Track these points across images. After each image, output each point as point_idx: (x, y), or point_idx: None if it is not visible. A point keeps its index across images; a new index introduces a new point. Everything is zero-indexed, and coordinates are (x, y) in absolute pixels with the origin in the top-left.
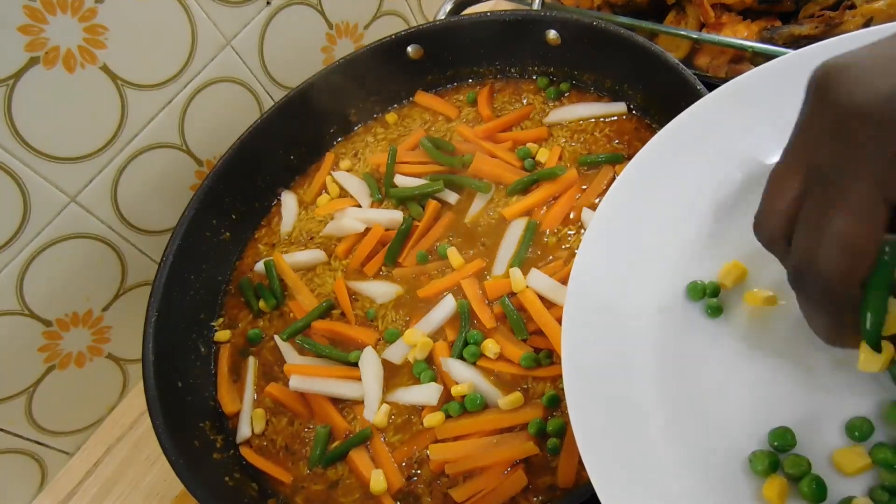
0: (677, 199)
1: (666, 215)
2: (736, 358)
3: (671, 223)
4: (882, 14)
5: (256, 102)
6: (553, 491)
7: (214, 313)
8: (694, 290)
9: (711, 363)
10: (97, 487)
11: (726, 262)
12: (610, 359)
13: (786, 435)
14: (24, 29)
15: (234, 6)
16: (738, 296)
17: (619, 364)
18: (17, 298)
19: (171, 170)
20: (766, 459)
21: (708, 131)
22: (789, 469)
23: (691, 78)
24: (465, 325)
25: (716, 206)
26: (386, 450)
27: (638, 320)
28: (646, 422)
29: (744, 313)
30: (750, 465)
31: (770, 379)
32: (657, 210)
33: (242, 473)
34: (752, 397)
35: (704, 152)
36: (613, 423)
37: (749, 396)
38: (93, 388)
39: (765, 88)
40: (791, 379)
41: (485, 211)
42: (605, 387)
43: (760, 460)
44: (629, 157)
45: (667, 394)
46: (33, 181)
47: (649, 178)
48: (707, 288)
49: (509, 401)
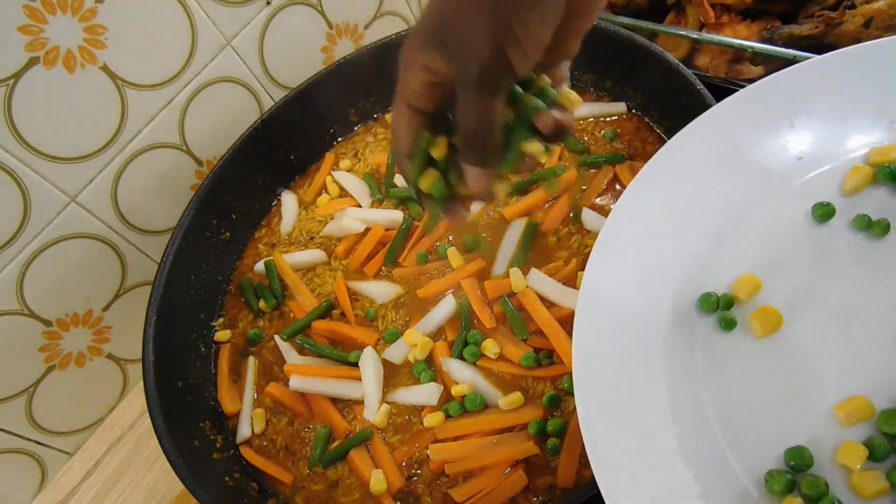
0: (688, 207)
1: (676, 223)
2: (750, 373)
3: (681, 231)
4: (882, 14)
5: (256, 102)
6: (553, 491)
7: (214, 313)
8: (707, 302)
9: (725, 378)
10: (97, 487)
11: (737, 271)
12: (621, 370)
13: (802, 454)
14: (24, 29)
15: (234, 6)
16: (751, 308)
17: (629, 376)
18: (17, 298)
19: (171, 170)
20: (783, 479)
21: (720, 139)
22: (806, 490)
23: (691, 78)
24: (465, 325)
25: (726, 214)
26: (386, 450)
27: (649, 331)
28: (658, 438)
29: (757, 328)
30: (766, 485)
31: (785, 396)
32: (667, 218)
33: (242, 473)
34: (766, 414)
35: (716, 160)
36: (625, 439)
37: (764, 413)
38: (93, 388)
39: (776, 97)
40: (807, 396)
41: (485, 211)
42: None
43: (777, 480)
44: (629, 157)
45: (678, 410)
46: (33, 181)
47: (659, 186)
48: (720, 301)
49: (509, 401)
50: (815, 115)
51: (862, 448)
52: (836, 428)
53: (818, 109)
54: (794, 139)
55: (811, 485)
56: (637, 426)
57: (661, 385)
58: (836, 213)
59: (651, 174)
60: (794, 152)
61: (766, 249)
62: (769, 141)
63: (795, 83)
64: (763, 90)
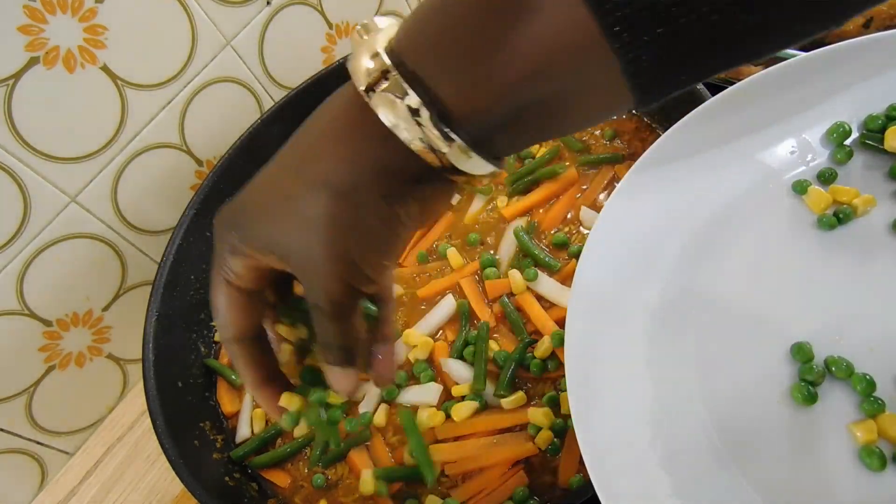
0: (679, 203)
1: (667, 219)
2: (742, 365)
3: (672, 227)
4: (882, 14)
5: (256, 102)
6: (553, 491)
7: None
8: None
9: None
10: (97, 487)
11: (727, 264)
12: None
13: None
14: (24, 29)
15: (234, 6)
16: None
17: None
18: (17, 298)
19: (171, 170)
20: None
21: (712, 134)
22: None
23: None
24: (465, 325)
25: (718, 209)
26: (386, 450)
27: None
28: (647, 430)
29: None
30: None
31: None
32: (659, 213)
33: (242, 473)
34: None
35: (708, 155)
36: (616, 431)
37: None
38: (93, 388)
39: (769, 91)
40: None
41: (484, 210)
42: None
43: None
44: (629, 157)
45: (665, 404)
46: (33, 181)
47: (652, 180)
48: None
49: (510, 401)
50: (808, 109)
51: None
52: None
53: (811, 103)
54: (786, 133)
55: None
56: (627, 420)
57: (646, 379)
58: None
59: (642, 170)
60: (787, 146)
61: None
62: (761, 135)
63: (788, 78)
64: (755, 85)
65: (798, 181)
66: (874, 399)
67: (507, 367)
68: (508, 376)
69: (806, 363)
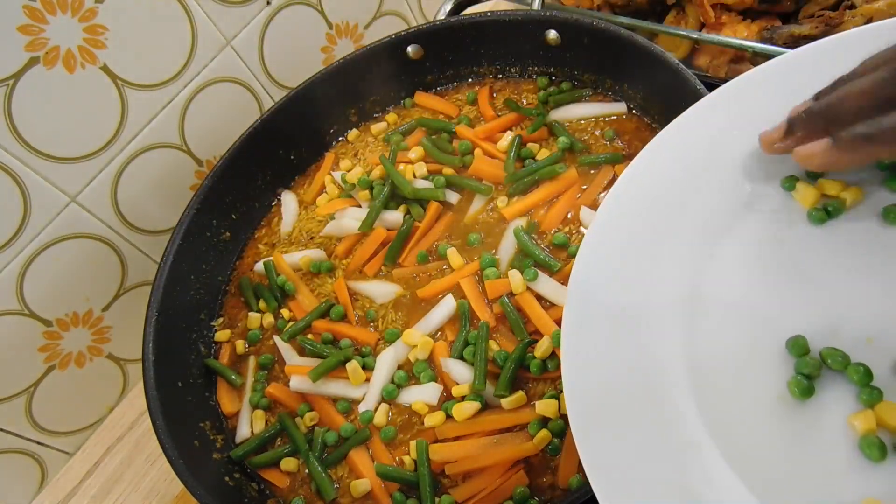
0: (675, 201)
1: (665, 216)
2: (739, 368)
3: (670, 224)
4: (882, 14)
5: (256, 102)
6: (553, 491)
7: (214, 313)
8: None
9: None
10: (97, 487)
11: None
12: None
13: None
14: (24, 29)
15: (234, 6)
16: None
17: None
18: (17, 298)
19: (171, 170)
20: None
21: (708, 131)
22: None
23: (691, 78)
24: (465, 326)
25: (714, 207)
26: (386, 450)
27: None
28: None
29: None
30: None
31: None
32: (657, 210)
33: (242, 473)
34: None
35: (704, 152)
36: (614, 433)
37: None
38: (93, 388)
39: (765, 87)
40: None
41: (484, 210)
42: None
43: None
44: (629, 157)
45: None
46: (33, 181)
47: (650, 177)
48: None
49: (510, 401)
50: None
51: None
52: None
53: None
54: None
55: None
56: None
57: (641, 377)
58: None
59: (639, 167)
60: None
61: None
62: (750, 134)
63: (783, 74)
64: (751, 81)
65: (787, 177)
66: (872, 388)
67: (507, 367)
68: (508, 376)
69: (801, 357)
